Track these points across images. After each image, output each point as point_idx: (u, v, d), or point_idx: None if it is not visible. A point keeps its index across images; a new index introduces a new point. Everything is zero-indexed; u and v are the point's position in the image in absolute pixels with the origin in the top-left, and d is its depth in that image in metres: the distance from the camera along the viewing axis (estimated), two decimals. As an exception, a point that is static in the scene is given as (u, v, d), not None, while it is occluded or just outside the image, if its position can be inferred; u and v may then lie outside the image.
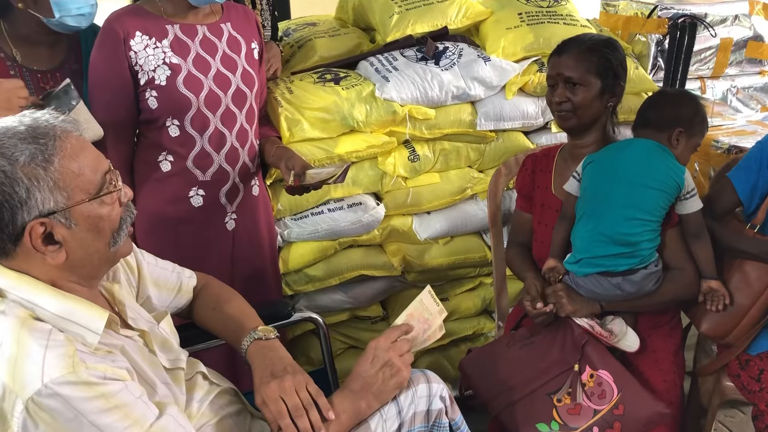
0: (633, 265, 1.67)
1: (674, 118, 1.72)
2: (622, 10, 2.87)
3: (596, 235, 1.67)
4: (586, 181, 1.73)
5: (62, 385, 0.97)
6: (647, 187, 1.65)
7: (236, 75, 1.83)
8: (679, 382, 1.79)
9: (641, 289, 1.70)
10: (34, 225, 1.03)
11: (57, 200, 1.04)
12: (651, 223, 1.66)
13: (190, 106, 1.76)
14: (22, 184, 1.01)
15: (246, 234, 1.95)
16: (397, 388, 1.33)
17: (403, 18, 2.33)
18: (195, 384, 1.34)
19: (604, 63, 1.75)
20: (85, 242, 1.09)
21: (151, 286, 1.43)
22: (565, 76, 1.75)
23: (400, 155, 2.22)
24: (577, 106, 1.75)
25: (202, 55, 1.78)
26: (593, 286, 1.71)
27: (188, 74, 1.75)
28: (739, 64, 2.86)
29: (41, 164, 1.03)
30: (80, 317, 1.07)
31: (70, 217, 1.06)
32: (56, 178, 1.04)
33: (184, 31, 1.77)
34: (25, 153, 1.02)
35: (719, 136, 2.51)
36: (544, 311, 1.69)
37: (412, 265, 2.29)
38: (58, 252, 1.07)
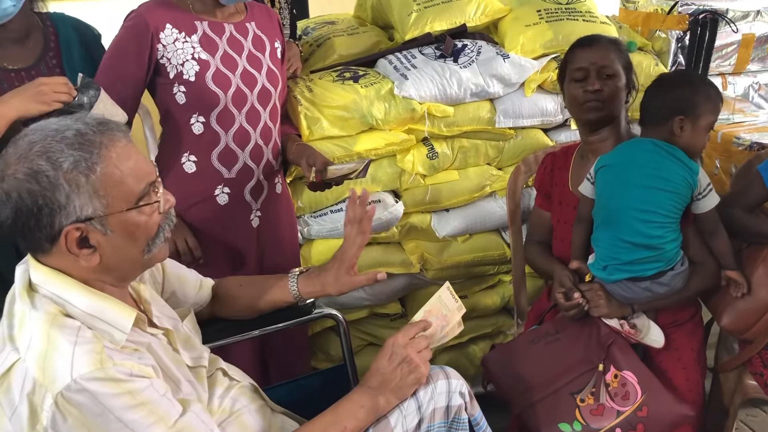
0: (660, 268, 1.66)
1: (670, 107, 1.66)
2: (642, 6, 2.85)
3: (618, 241, 1.66)
4: (599, 187, 1.72)
5: (90, 381, 1.00)
6: (660, 189, 1.63)
7: (262, 73, 1.85)
8: (701, 380, 1.78)
9: (671, 289, 1.69)
10: (70, 229, 1.05)
11: (95, 207, 1.06)
12: (670, 224, 1.65)
13: (218, 102, 1.78)
14: (63, 190, 1.03)
15: (270, 231, 1.97)
16: (416, 385, 1.34)
17: (422, 16, 2.33)
18: (216, 380, 1.35)
19: (626, 58, 1.80)
20: (119, 248, 1.11)
21: (175, 282, 1.45)
22: (600, 65, 1.75)
23: (419, 153, 2.22)
24: (609, 97, 1.75)
25: (230, 53, 1.80)
26: (623, 290, 1.69)
27: (217, 71, 1.77)
28: (762, 59, 2.83)
29: (84, 172, 1.05)
30: (109, 315, 1.09)
31: (107, 224, 1.08)
32: (97, 186, 1.06)
33: (213, 29, 1.78)
34: (70, 159, 1.04)
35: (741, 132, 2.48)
36: (578, 302, 1.68)
37: (431, 263, 2.30)
38: (91, 255, 1.09)
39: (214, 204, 1.86)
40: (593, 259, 1.74)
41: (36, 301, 1.08)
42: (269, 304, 1.56)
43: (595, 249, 1.73)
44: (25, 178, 1.03)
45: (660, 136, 1.68)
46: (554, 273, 1.80)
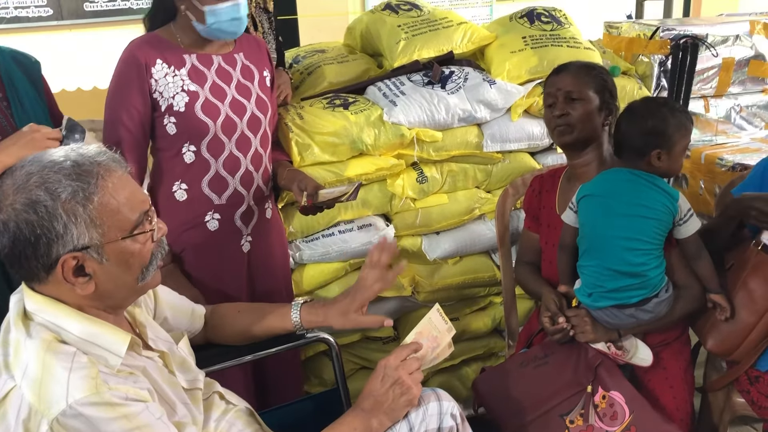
0: (645, 295, 1.68)
1: (645, 141, 1.68)
2: (625, 31, 2.92)
3: (603, 270, 1.68)
4: (582, 216, 1.74)
5: (86, 406, 1.01)
6: (642, 217, 1.65)
7: (251, 101, 1.89)
8: (689, 399, 1.79)
9: (656, 315, 1.71)
10: (67, 258, 1.07)
11: (92, 236, 1.08)
12: (653, 251, 1.67)
13: (208, 131, 1.82)
14: (61, 220, 1.05)
15: (261, 256, 1.99)
16: (408, 406, 1.35)
17: (410, 44, 2.38)
18: (212, 403, 1.37)
19: (600, 81, 1.81)
20: (114, 276, 1.13)
21: (167, 308, 1.47)
22: (565, 90, 1.79)
23: (409, 177, 2.26)
24: (577, 120, 1.78)
25: (218, 83, 1.84)
26: (609, 317, 1.71)
27: (206, 101, 1.81)
28: (742, 82, 2.89)
29: (81, 202, 1.07)
30: (103, 340, 1.11)
31: (103, 252, 1.10)
32: (94, 215, 1.08)
33: (201, 61, 1.83)
34: (68, 189, 1.06)
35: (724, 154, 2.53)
36: (563, 327, 1.70)
37: (422, 285, 2.32)
38: (87, 284, 1.11)
39: (205, 230, 1.88)
40: (579, 285, 1.76)
41: (31, 329, 1.09)
42: (265, 331, 1.57)
43: (581, 276, 1.75)
44: (23, 209, 1.05)
45: (638, 167, 1.71)
46: (542, 296, 1.82)
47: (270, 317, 1.56)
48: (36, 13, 4.62)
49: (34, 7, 4.61)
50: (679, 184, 2.65)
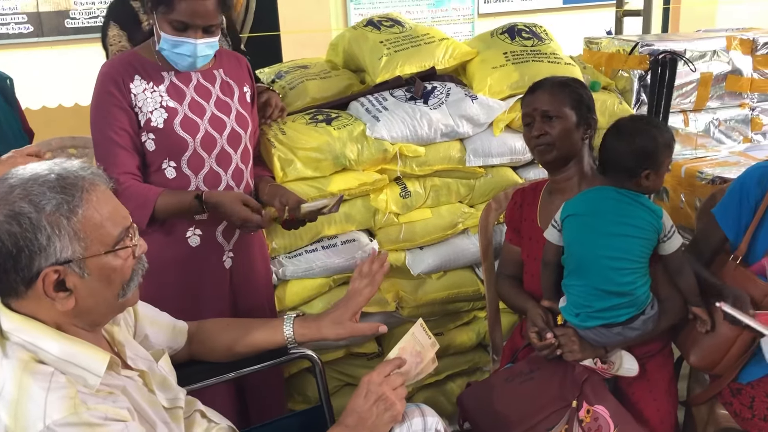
0: (632, 313, 1.69)
1: (636, 162, 1.68)
2: (605, 47, 2.95)
3: (591, 290, 1.68)
4: (568, 236, 1.73)
5: (64, 427, 0.99)
6: (629, 236, 1.66)
7: (230, 117, 1.89)
8: (673, 411, 1.80)
9: (643, 333, 1.72)
10: (48, 272, 1.06)
11: (75, 250, 1.07)
12: (640, 269, 1.68)
13: (187, 147, 1.81)
14: (45, 232, 1.04)
15: (243, 272, 1.98)
16: (392, 422, 1.34)
17: (392, 60, 2.39)
18: (193, 422, 1.35)
19: (576, 96, 1.82)
20: (94, 291, 1.12)
21: (148, 325, 1.45)
22: (541, 110, 1.81)
23: (392, 192, 2.26)
24: (556, 139, 1.79)
25: (197, 99, 1.85)
26: (597, 336, 1.71)
27: (185, 117, 1.81)
28: (720, 97, 2.93)
29: (65, 214, 1.06)
30: (82, 360, 1.09)
31: (84, 267, 1.09)
32: (77, 228, 1.07)
33: (179, 78, 1.84)
34: (52, 202, 1.05)
35: (704, 167, 2.56)
36: (551, 343, 1.70)
37: (406, 301, 2.31)
38: (67, 299, 1.09)
39: (186, 246, 1.87)
40: (564, 303, 1.75)
41: (7, 349, 1.07)
42: (254, 346, 1.56)
43: (567, 296, 1.75)
44: (6, 220, 1.03)
45: (624, 185, 1.71)
46: (527, 311, 1.82)
47: (259, 332, 1.55)
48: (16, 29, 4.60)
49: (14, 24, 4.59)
50: (660, 197, 2.67)
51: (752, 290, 1.72)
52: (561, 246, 1.75)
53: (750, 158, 2.66)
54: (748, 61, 2.94)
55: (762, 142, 3.01)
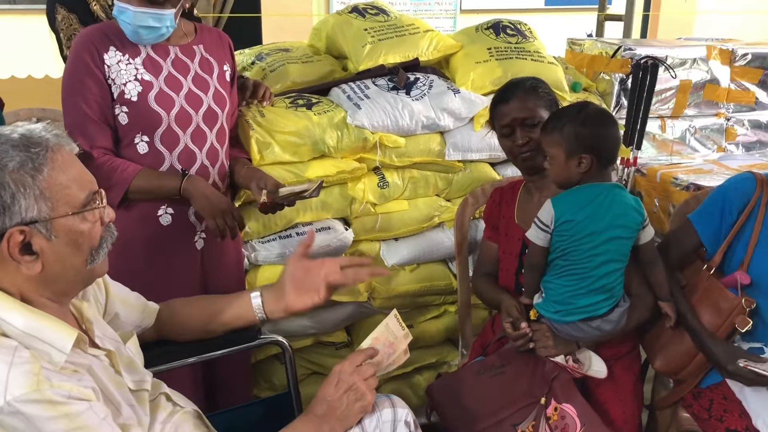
0: (610, 305, 1.70)
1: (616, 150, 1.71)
2: (588, 49, 2.97)
3: (578, 289, 1.68)
4: (566, 241, 1.66)
5: (25, 403, 0.96)
6: (621, 238, 1.66)
7: (208, 94, 1.85)
8: (637, 413, 1.82)
9: (617, 325, 1.73)
10: (13, 232, 1.03)
11: (41, 209, 1.04)
12: (623, 267, 1.70)
13: (161, 123, 1.78)
14: (8, 189, 1.02)
15: (214, 254, 1.95)
16: (362, 412, 1.34)
17: (376, 48, 2.37)
18: (158, 405, 1.32)
19: (547, 97, 1.84)
20: (62, 256, 1.09)
21: (119, 303, 1.41)
22: (520, 118, 1.80)
23: (370, 181, 2.24)
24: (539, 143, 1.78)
25: (174, 74, 1.81)
26: (573, 330, 1.71)
27: (160, 91, 1.77)
28: (698, 105, 2.96)
29: (30, 172, 1.03)
30: (48, 335, 1.06)
31: (51, 228, 1.06)
32: (43, 187, 1.04)
33: (156, 51, 1.80)
34: (15, 159, 1.03)
35: (679, 173, 2.59)
36: (525, 333, 1.70)
37: (379, 291, 2.30)
38: (34, 263, 1.06)
39: (157, 224, 1.84)
40: (540, 299, 1.75)
41: None
42: (223, 325, 1.53)
43: (546, 292, 1.73)
44: None
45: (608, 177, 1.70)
46: (502, 303, 1.82)
47: (227, 310, 1.52)
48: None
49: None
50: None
51: (722, 302, 1.73)
52: (547, 248, 1.71)
53: (723, 167, 2.70)
54: (726, 71, 2.98)
55: (735, 152, 3.06)
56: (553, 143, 1.66)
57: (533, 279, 1.76)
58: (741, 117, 3.08)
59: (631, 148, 2.55)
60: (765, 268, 1.72)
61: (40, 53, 4.26)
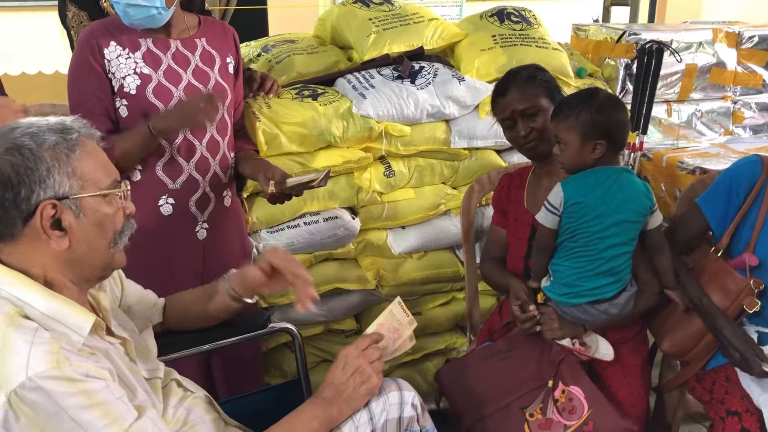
0: (617, 289, 1.71)
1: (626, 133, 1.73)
2: (593, 34, 2.96)
3: (586, 272, 1.69)
4: (573, 223, 1.68)
5: (45, 380, 1.00)
6: (629, 221, 1.67)
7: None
8: (645, 395, 1.83)
9: (624, 309, 1.73)
10: (46, 205, 1.08)
11: (72, 186, 1.11)
12: (631, 251, 1.71)
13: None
14: (44, 163, 1.08)
15: (218, 244, 1.97)
16: (369, 395, 1.35)
17: (380, 38, 2.38)
18: (170, 391, 1.35)
19: (546, 85, 1.84)
20: (88, 236, 1.14)
21: (133, 298, 1.46)
22: (520, 110, 1.81)
23: (376, 171, 2.26)
24: (542, 131, 1.81)
25: (174, 67, 1.83)
26: (580, 313, 1.72)
27: (158, 84, 1.80)
28: (704, 89, 2.95)
29: (64, 150, 1.11)
30: (67, 318, 1.10)
31: (80, 206, 1.12)
32: (75, 166, 1.11)
33: (157, 45, 1.82)
34: (52, 138, 1.10)
35: (685, 157, 2.58)
36: (533, 315, 1.71)
37: (386, 279, 2.32)
38: (62, 239, 1.12)
39: (158, 214, 1.86)
40: (548, 282, 1.76)
41: None
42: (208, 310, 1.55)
43: (554, 275, 1.75)
44: (6, 152, 1.07)
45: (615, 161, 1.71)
46: (510, 286, 1.83)
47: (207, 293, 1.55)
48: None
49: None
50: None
51: (730, 284, 1.73)
52: (556, 230, 1.72)
53: (730, 150, 2.69)
54: (732, 54, 2.96)
55: (742, 135, 3.05)
56: (568, 129, 1.66)
57: (541, 262, 1.78)
58: (748, 100, 3.07)
59: (637, 133, 2.55)
60: (771, 249, 1.73)
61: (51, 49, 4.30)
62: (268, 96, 2.19)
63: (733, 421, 1.64)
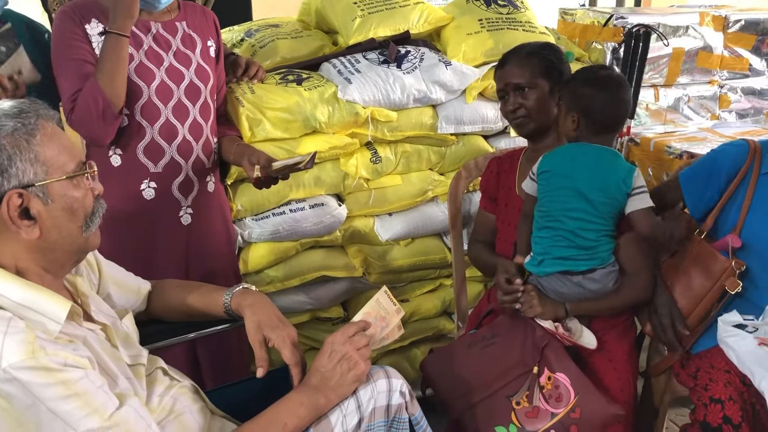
0: (592, 266, 1.71)
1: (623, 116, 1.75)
2: (580, 18, 2.95)
3: (556, 239, 1.70)
4: (542, 191, 1.75)
5: (21, 370, 0.98)
6: (600, 201, 1.67)
7: (190, 69, 1.85)
8: (632, 380, 1.82)
9: (603, 287, 1.73)
10: (12, 195, 1.06)
11: (36, 173, 1.08)
12: (605, 229, 1.70)
13: (141, 95, 1.78)
14: (5, 152, 1.05)
15: (202, 230, 1.95)
16: (356, 382, 1.34)
17: (366, 22, 2.35)
18: (155, 379, 1.33)
19: (546, 63, 1.82)
20: (59, 222, 1.12)
21: (112, 284, 1.43)
22: (513, 83, 1.81)
23: (362, 157, 2.23)
24: (531, 110, 1.80)
25: (155, 48, 1.81)
26: (556, 285, 1.73)
27: (140, 64, 1.77)
28: (691, 73, 2.95)
29: (24, 136, 1.07)
30: (42, 306, 1.08)
31: (47, 192, 1.09)
32: (37, 151, 1.08)
33: (138, 27, 1.79)
34: (9, 125, 1.07)
35: (672, 141, 2.58)
36: (517, 288, 1.71)
37: (374, 267, 2.31)
38: (32, 227, 1.09)
39: (140, 199, 1.84)
40: (530, 258, 1.77)
41: None
42: (197, 311, 1.53)
43: (533, 246, 1.77)
44: None
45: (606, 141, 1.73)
46: (498, 264, 1.83)
47: (203, 297, 1.52)
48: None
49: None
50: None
51: (712, 265, 1.74)
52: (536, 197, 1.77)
53: (717, 135, 2.69)
54: (719, 38, 2.96)
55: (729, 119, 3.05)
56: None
57: (525, 233, 1.80)
58: (735, 84, 3.07)
59: (624, 118, 2.55)
60: (756, 232, 1.73)
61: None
62: (252, 81, 2.16)
63: (716, 409, 1.64)
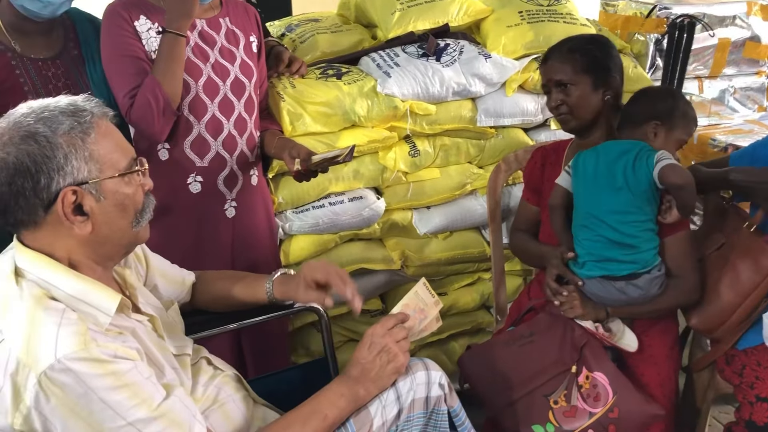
0: (635, 270, 1.68)
1: (650, 113, 1.72)
2: (622, 9, 2.90)
3: (597, 237, 1.69)
4: (576, 188, 1.75)
5: (74, 361, 1.00)
6: (630, 191, 1.65)
7: (235, 65, 1.88)
8: (673, 376, 1.80)
9: (646, 293, 1.71)
10: (67, 192, 1.08)
11: (90, 170, 1.10)
12: (644, 222, 1.68)
13: (189, 91, 1.81)
14: (61, 150, 1.07)
15: (246, 223, 1.98)
16: (395, 374, 1.35)
17: (405, 15, 2.35)
18: (200, 369, 1.37)
19: (589, 59, 1.79)
20: (110, 218, 1.14)
21: (159, 276, 1.46)
22: (555, 79, 1.79)
23: (401, 150, 2.24)
24: (573, 106, 1.78)
25: (201, 44, 1.84)
26: (598, 290, 1.71)
27: (188, 60, 1.80)
28: (737, 64, 2.88)
29: (79, 135, 1.09)
30: (93, 298, 1.11)
31: (100, 189, 1.12)
32: (91, 149, 1.10)
33: None
34: (65, 123, 1.09)
35: (716, 134, 2.53)
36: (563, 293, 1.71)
37: (412, 260, 2.32)
38: (85, 223, 1.12)
39: (187, 192, 1.88)
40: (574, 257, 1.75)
41: (22, 285, 1.09)
42: (242, 300, 1.56)
43: (576, 248, 1.75)
44: (22, 141, 1.06)
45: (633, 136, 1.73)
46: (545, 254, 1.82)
47: (244, 287, 1.55)
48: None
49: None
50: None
51: (763, 259, 1.71)
52: (567, 190, 1.77)
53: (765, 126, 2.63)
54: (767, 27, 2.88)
55: (777, 111, 2.98)
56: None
57: (556, 222, 1.80)
58: (783, 75, 2.99)
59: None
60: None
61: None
62: (293, 76, 2.18)
63: (763, 408, 1.62)
